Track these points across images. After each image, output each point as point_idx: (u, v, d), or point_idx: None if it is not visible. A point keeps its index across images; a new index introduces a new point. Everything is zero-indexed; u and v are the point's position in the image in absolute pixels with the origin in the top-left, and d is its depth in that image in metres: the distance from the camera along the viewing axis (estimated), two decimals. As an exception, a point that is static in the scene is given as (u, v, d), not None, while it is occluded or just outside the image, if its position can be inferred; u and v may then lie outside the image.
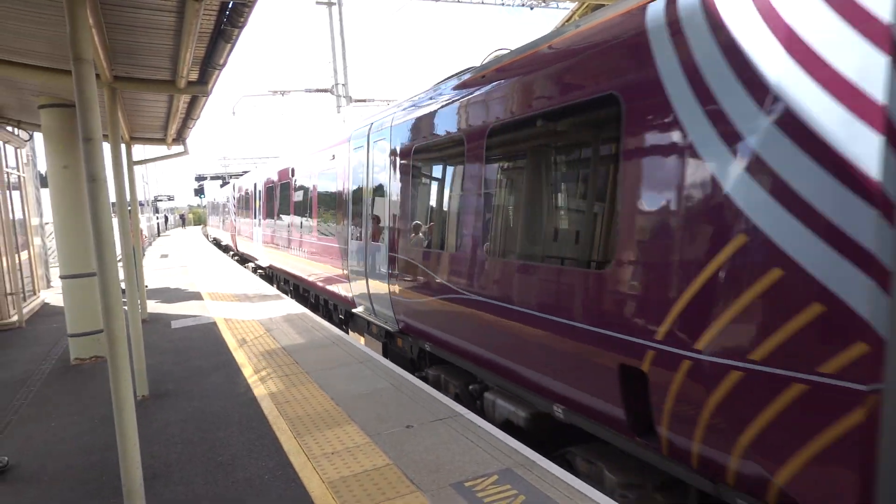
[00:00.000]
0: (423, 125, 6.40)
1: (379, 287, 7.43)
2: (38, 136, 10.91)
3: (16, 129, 9.50)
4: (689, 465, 3.29)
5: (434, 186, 6.39)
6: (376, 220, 7.60)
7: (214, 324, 9.32)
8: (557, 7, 20.18)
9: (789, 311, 2.67)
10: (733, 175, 2.89)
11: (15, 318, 9.68)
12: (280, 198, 13.85)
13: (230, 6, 4.17)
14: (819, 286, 2.56)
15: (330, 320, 10.63)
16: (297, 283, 13.09)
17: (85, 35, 3.04)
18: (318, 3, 23.40)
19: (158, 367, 6.80)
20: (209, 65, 5.48)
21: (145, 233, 26.19)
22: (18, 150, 11.55)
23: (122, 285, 3.95)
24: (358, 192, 8.29)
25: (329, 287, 9.89)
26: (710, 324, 2.97)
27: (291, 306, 10.61)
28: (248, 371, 6.53)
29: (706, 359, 3.00)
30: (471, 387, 5.73)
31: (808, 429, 2.62)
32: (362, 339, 8.74)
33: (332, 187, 9.57)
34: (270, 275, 16.70)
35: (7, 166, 10.46)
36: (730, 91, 2.93)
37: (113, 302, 3.22)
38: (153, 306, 11.00)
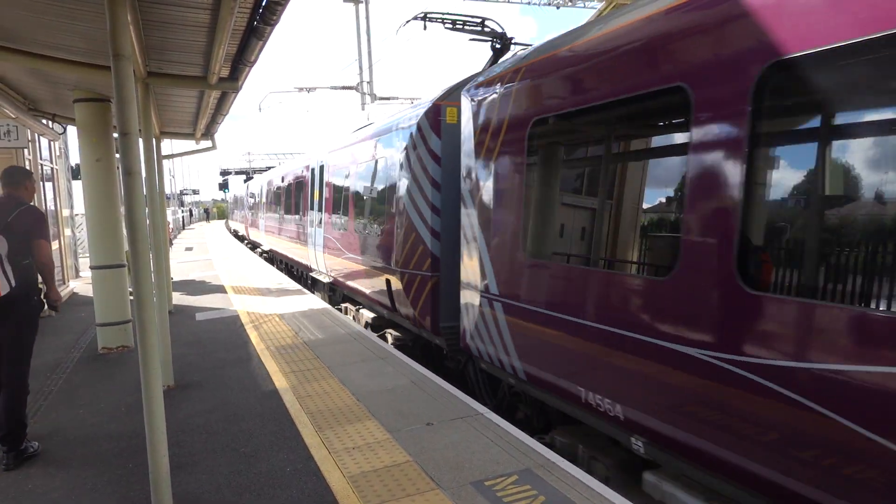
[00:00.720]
0: (337, 158, 10.81)
1: (319, 255, 11.85)
2: (71, 130, 11.16)
3: (50, 122, 9.71)
4: (405, 319, 7.49)
5: (338, 194, 10.53)
6: (318, 211, 12.05)
7: (237, 317, 9.45)
8: (584, 6, 20.07)
9: (416, 249, 6.86)
10: (405, 197, 7.07)
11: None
12: (275, 198, 18.66)
13: (263, 4, 4.23)
14: (422, 240, 6.73)
15: (305, 286, 14.17)
16: (286, 261, 17.16)
17: (124, 32, 3.11)
18: (344, 1, 23.54)
19: (183, 358, 6.92)
20: (240, 61, 5.56)
21: (171, 226, 26.74)
22: (52, 143, 11.82)
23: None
24: (313, 194, 12.59)
25: (301, 260, 14.21)
26: (402, 256, 7.19)
27: (313, 301, 10.71)
28: (270, 364, 6.62)
29: (400, 270, 7.24)
30: (356, 307, 10.08)
31: (420, 291, 6.82)
32: (318, 294, 12.87)
33: (304, 190, 13.77)
34: (271, 258, 20.43)
35: (41, 158, 10.71)
36: (406, 167, 7.15)
37: (145, 293, 3.29)
38: (178, 298, 11.18)
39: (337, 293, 11.54)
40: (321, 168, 12.01)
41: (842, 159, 2.80)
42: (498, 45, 7.54)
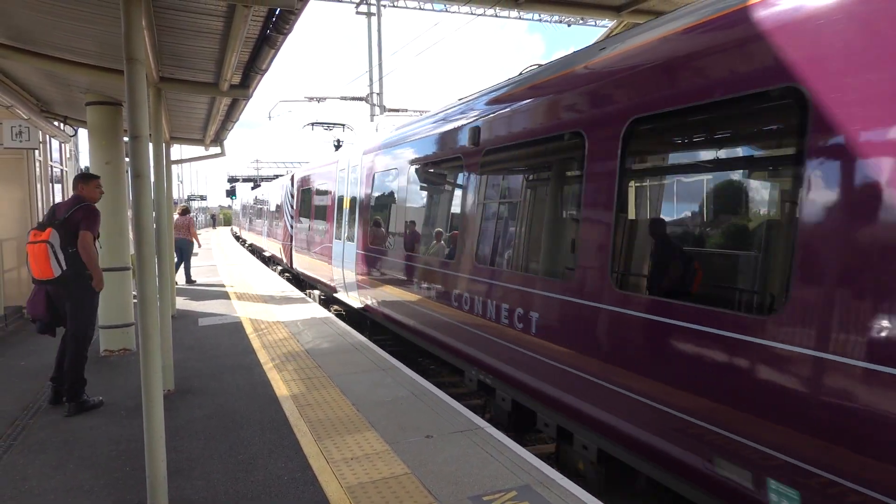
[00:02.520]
0: (269, 191, 24.93)
1: (265, 241, 23.83)
2: (82, 133, 11.25)
3: (62, 125, 9.80)
4: (285, 263, 17.87)
5: (272, 209, 22.42)
6: (266, 219, 24.36)
7: (240, 323, 9.44)
8: (595, 25, 20.14)
9: (286, 232, 17.45)
10: (283, 212, 18.25)
11: (49, 307, 9.91)
12: (252, 210, 32.09)
13: (277, 13, 4.26)
14: (287, 228, 17.25)
15: (263, 260, 23.30)
16: (257, 249, 27.36)
17: (138, 37, 3.14)
18: (357, 13, 23.77)
19: (184, 362, 6.91)
20: (252, 69, 5.61)
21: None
22: (63, 145, 11.91)
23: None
24: (264, 209, 25.46)
25: (262, 246, 25.20)
26: (282, 235, 18.38)
27: (316, 310, 10.70)
28: (271, 372, 6.60)
29: (281, 242, 18.50)
30: (278, 267, 19.62)
31: (287, 250, 17.20)
32: (272, 267, 20.55)
33: (261, 207, 27.02)
34: (253, 249, 28.89)
35: (52, 160, 10.80)
36: (284, 200, 18.60)
37: (149, 297, 3.29)
38: (181, 303, 11.19)
39: (275, 264, 21.00)
40: (263, 194, 26.92)
41: None
42: (336, 145, 17.30)
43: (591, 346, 4.28)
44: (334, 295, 11.61)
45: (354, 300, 10.17)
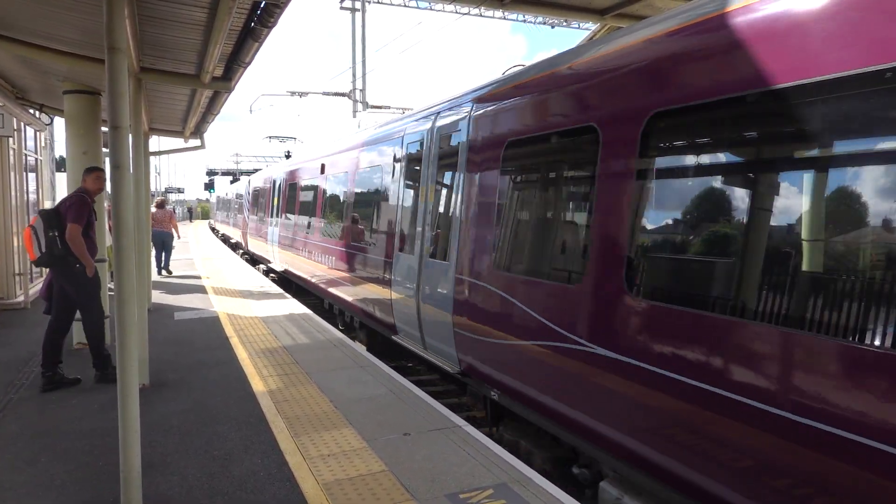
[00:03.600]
0: (237, 188, 29.50)
1: (230, 230, 29.95)
2: (58, 122, 11.03)
3: (38, 112, 9.60)
4: (242, 247, 23.79)
5: (237, 204, 26.90)
6: (235, 212, 27.98)
7: (217, 318, 9.35)
8: (579, 27, 20.26)
9: (245, 224, 22.40)
10: (244, 206, 23.17)
11: (21, 298, 9.73)
12: (223, 205, 37.22)
13: (262, 6, 4.23)
14: (245, 220, 22.44)
15: (235, 252, 24.47)
16: (226, 236, 32.24)
17: (120, 25, 3.10)
18: (341, 8, 23.64)
19: (160, 357, 6.82)
20: (235, 62, 5.56)
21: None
22: (38, 134, 11.67)
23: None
24: (230, 205, 32.01)
25: (230, 234, 29.99)
26: (241, 225, 23.91)
27: (294, 306, 10.64)
28: (248, 368, 6.55)
29: (241, 229, 23.61)
30: (240, 250, 24.07)
31: (244, 236, 22.73)
32: (240, 254, 23.17)
33: (235, 201, 27.96)
34: (224, 239, 32.47)
35: (26, 149, 10.57)
36: (245, 197, 23.39)
37: (126, 290, 3.25)
38: (157, 297, 11.03)
39: (239, 248, 24.64)
40: (230, 193, 31.82)
41: None
42: (286, 156, 25.81)
43: (347, 266, 9.14)
44: (269, 265, 16.85)
45: (279, 266, 15.08)
